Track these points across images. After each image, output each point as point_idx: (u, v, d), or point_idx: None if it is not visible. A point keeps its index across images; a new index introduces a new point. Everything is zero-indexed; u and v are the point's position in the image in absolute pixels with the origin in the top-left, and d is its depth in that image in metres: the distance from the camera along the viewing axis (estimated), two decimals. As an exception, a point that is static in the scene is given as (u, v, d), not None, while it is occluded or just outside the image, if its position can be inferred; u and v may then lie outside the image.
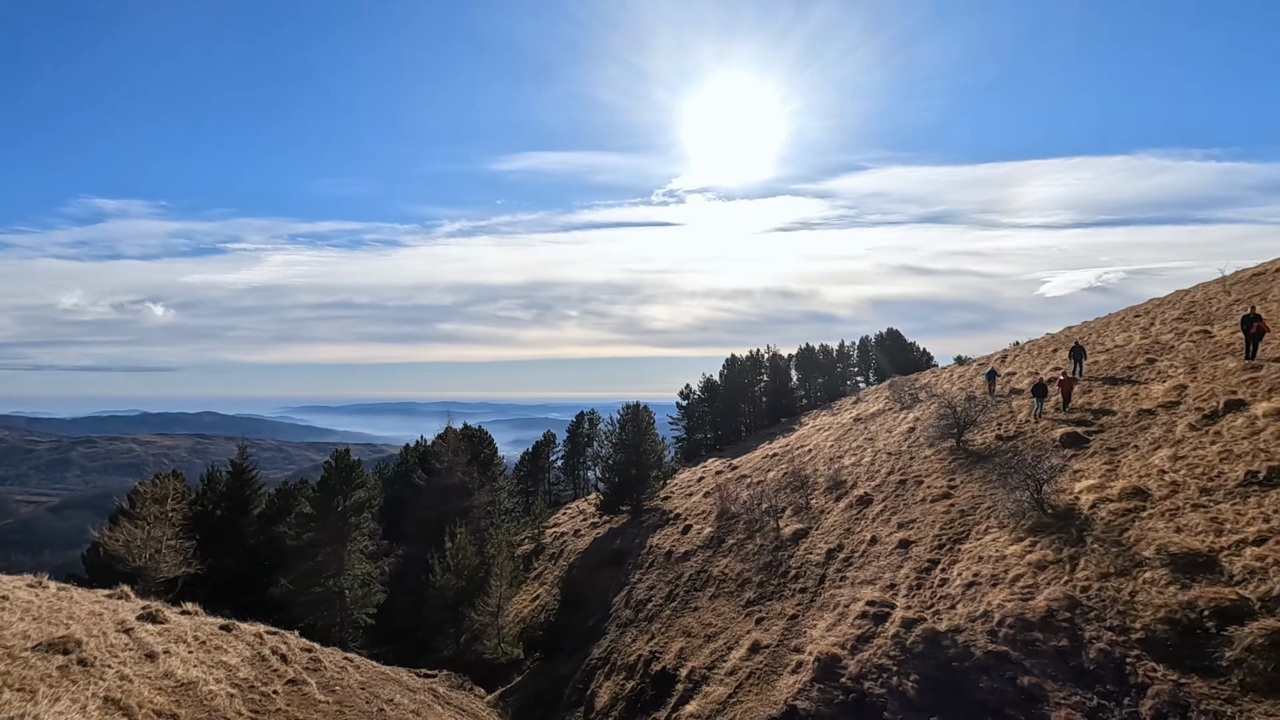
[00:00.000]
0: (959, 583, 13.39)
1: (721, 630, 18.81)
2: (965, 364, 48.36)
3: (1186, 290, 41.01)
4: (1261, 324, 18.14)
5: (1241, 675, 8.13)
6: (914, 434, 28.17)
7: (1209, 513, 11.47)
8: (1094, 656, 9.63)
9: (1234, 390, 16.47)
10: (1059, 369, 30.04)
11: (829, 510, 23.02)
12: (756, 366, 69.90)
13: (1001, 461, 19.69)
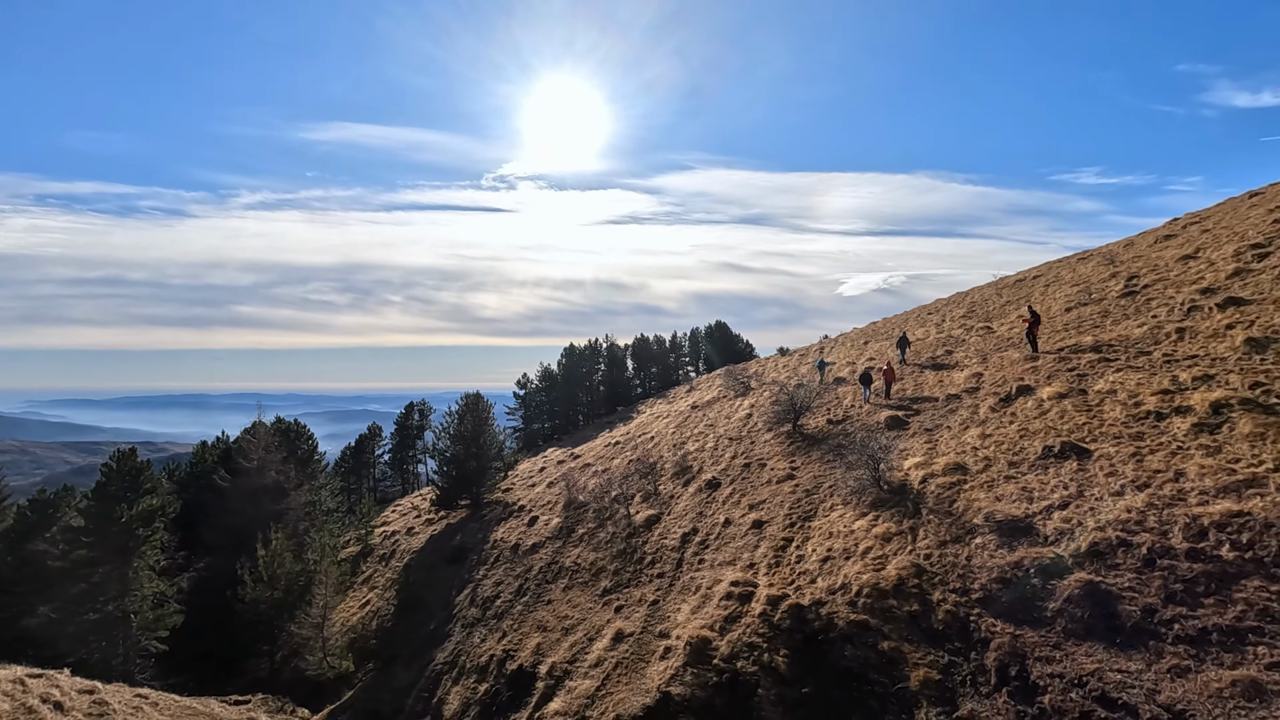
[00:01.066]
0: (815, 558, 14.20)
1: (580, 622, 18.44)
2: (788, 354, 52.32)
3: (966, 292, 47.57)
4: (1036, 321, 21.40)
5: (1064, 623, 9.33)
6: (752, 419, 29.66)
7: (1019, 483, 13.16)
8: (942, 618, 10.59)
9: (1021, 377, 19.14)
10: (873, 360, 33.37)
11: (679, 495, 23.49)
12: (595, 356, 70.34)
13: (836, 443, 21.32)
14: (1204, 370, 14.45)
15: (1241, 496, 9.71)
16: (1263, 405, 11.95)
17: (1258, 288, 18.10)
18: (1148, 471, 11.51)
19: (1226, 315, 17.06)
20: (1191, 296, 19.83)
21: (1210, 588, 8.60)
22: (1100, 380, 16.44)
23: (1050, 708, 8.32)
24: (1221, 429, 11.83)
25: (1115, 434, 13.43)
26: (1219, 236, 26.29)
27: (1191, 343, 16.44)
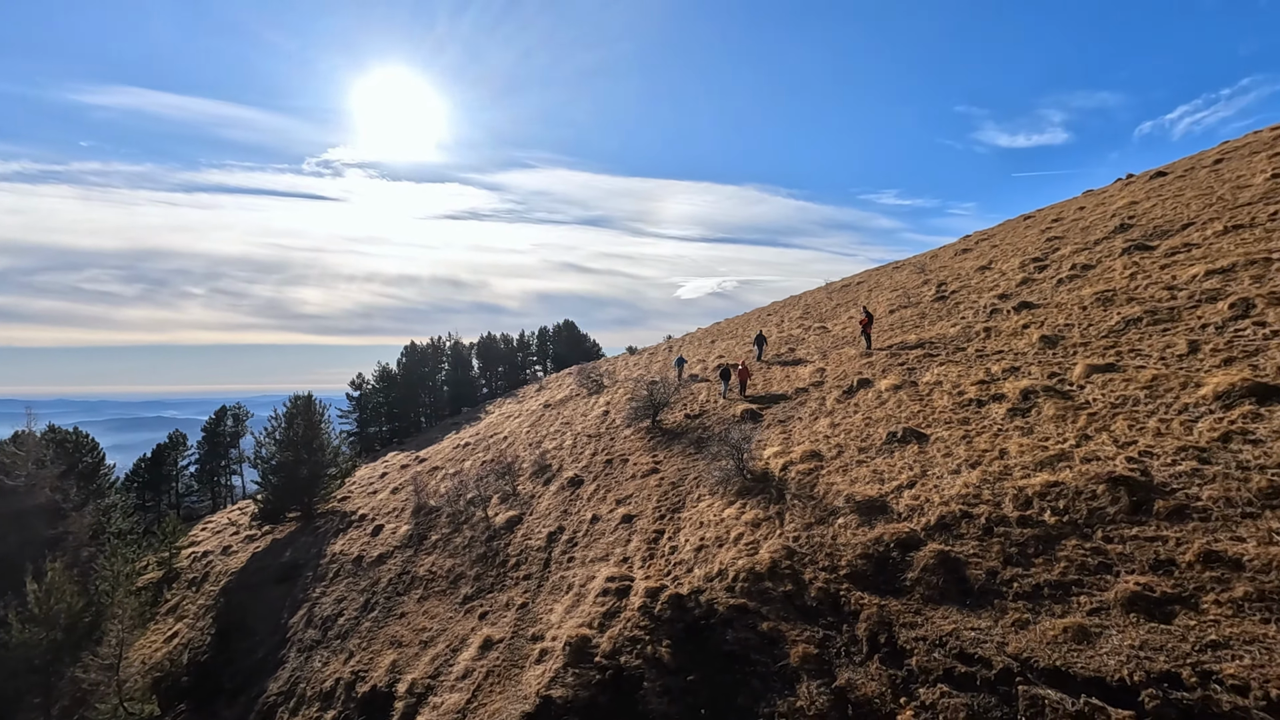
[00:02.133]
0: (689, 548, 14.45)
1: (441, 633, 17.33)
2: (638, 353, 53.35)
3: (799, 295, 51.42)
4: (871, 320, 23.53)
5: (922, 590, 10.24)
6: (610, 416, 29.76)
7: (870, 466, 14.32)
8: (815, 595, 11.19)
9: (860, 372, 20.93)
10: (722, 357, 34.93)
11: (540, 494, 22.95)
12: (438, 355, 67.12)
13: (696, 436, 21.96)
14: (1010, 363, 16.68)
15: (1055, 469, 11.25)
16: (1060, 392, 13.99)
17: (1042, 294, 21.28)
18: (977, 451, 13.01)
19: (1021, 317, 19.87)
20: (992, 301, 22.87)
21: (1039, 549, 9.85)
22: (927, 373, 18.41)
23: (917, 668, 9.05)
24: (1031, 413, 13.69)
25: (946, 420, 15.07)
26: (1005, 251, 30.62)
27: (997, 340, 18.93)
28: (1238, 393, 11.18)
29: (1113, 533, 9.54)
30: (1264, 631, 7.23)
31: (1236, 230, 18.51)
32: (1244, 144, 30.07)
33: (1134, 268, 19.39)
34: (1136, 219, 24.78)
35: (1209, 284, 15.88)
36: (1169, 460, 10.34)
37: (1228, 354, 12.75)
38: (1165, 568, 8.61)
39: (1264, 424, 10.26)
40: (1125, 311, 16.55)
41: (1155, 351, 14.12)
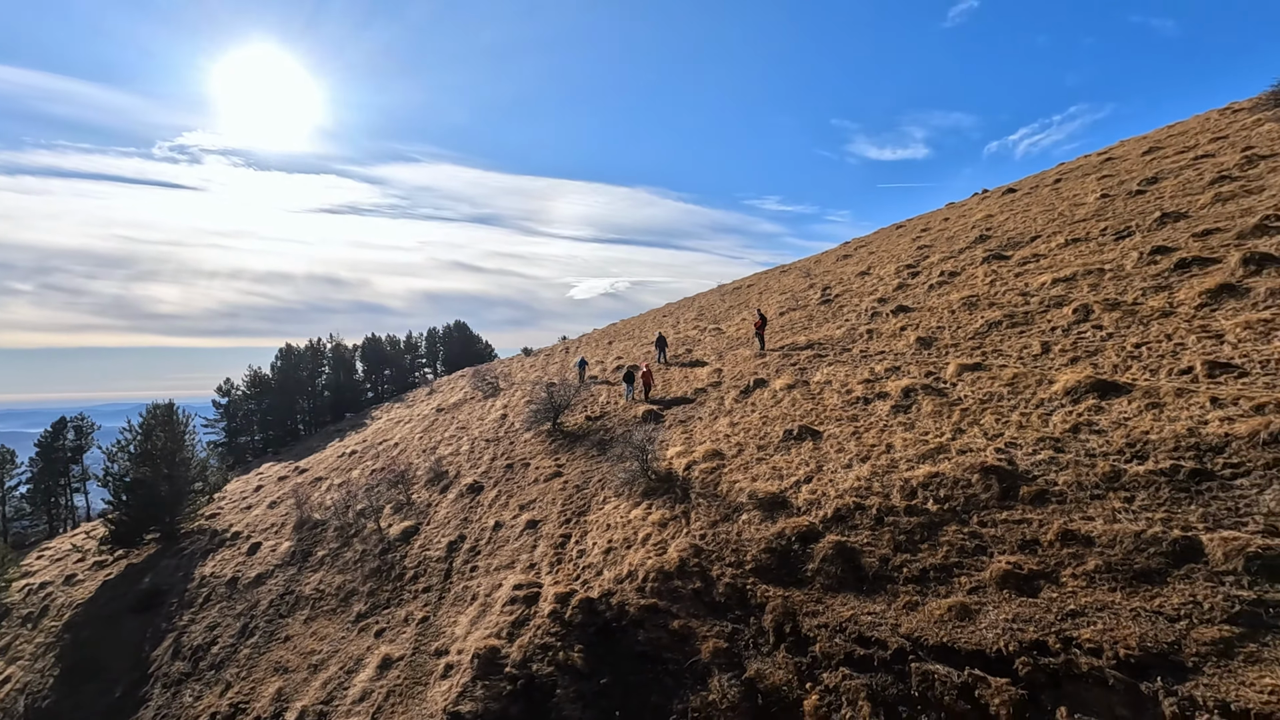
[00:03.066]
0: (598, 551, 14.46)
1: (332, 655, 16.33)
2: (534, 355, 52.71)
3: (693, 297, 52.72)
4: (764, 322, 24.54)
5: (822, 580, 10.83)
6: (508, 420, 29.25)
7: (769, 464, 14.95)
8: (723, 590, 11.54)
9: (755, 372, 21.79)
10: (620, 358, 35.18)
11: (438, 503, 22.19)
12: (317, 357, 63.11)
13: (599, 439, 22.02)
14: (892, 363, 17.96)
15: (935, 461, 12.24)
16: (937, 390, 15.23)
17: (916, 298, 23.08)
18: (866, 446, 13.92)
19: (899, 320, 21.45)
20: (872, 305, 24.51)
21: (924, 536, 10.69)
22: (818, 373, 19.46)
23: (820, 654, 9.57)
24: (912, 409, 14.82)
25: (837, 417, 16.00)
26: (882, 258, 32.91)
27: (879, 341, 20.33)
28: (1083, 388, 12.65)
29: (986, 517, 10.51)
30: (1112, 599, 8.24)
31: (1075, 243, 20.94)
32: (1077, 166, 34.03)
33: (993, 275, 21.45)
34: (993, 231, 27.43)
35: (1055, 291, 17.84)
36: (1030, 450, 11.54)
37: (1073, 354, 14.40)
38: (1031, 547, 9.60)
39: (1105, 416, 11.68)
40: (988, 315, 18.27)
41: (1014, 351, 15.70)
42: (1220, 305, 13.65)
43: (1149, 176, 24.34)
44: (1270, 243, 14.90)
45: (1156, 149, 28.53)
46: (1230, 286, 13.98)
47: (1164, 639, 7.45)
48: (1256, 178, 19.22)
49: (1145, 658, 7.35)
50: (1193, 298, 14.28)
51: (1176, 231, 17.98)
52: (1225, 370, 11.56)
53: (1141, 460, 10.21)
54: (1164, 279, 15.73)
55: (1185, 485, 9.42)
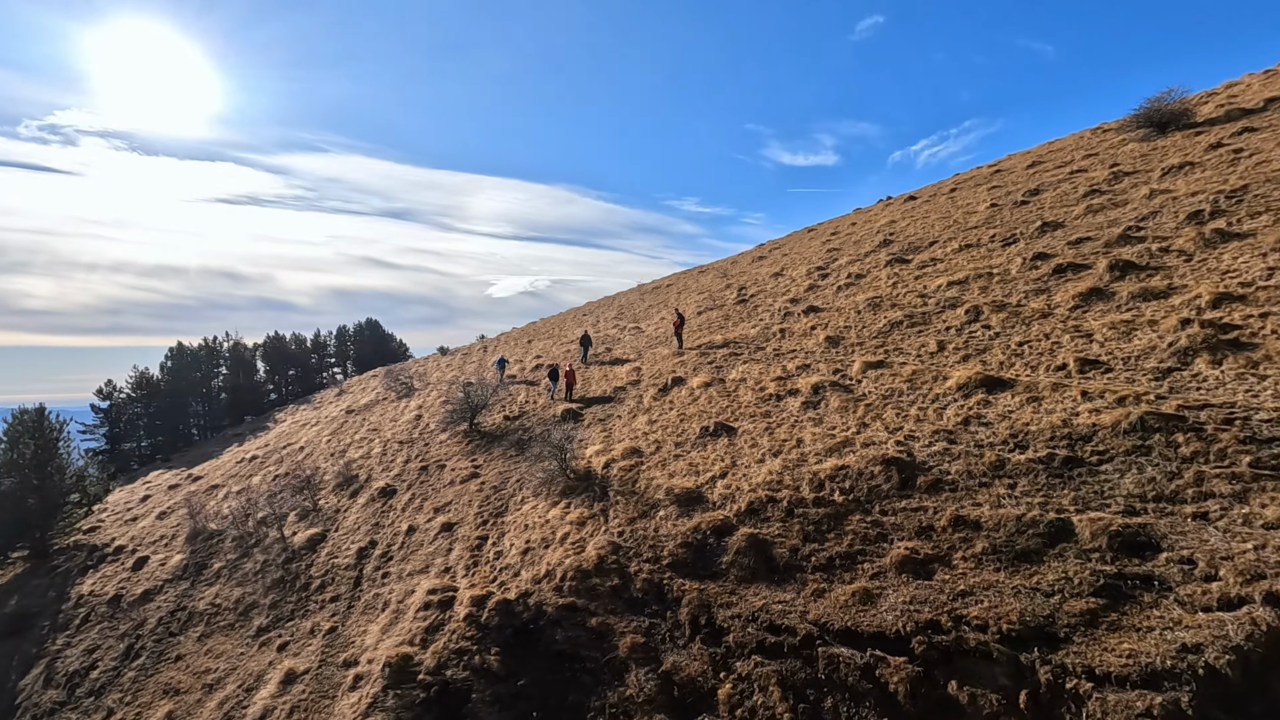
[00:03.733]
0: (515, 552, 14.28)
1: (229, 672, 15.38)
2: (451, 354, 51.38)
3: (613, 296, 52.87)
4: (683, 321, 24.93)
5: (736, 572, 11.13)
6: (423, 420, 28.45)
7: (686, 460, 15.22)
8: (640, 586, 11.66)
9: (674, 370, 22.11)
10: (540, 357, 34.86)
11: (347, 508, 21.31)
12: (213, 357, 59.19)
13: (517, 438, 21.75)
14: (802, 361, 18.67)
15: (841, 454, 12.83)
16: (844, 386, 15.95)
17: (825, 299, 24.07)
18: (778, 441, 14.41)
19: (810, 319, 22.31)
20: (785, 305, 25.37)
21: (831, 525, 11.18)
22: (733, 371, 19.97)
23: (734, 644, 9.84)
24: (821, 405, 15.45)
25: (751, 413, 16.47)
26: (795, 260, 34.11)
27: (791, 340, 21.07)
28: (973, 384, 13.58)
29: (887, 506, 11.11)
30: (997, 578, 8.90)
31: (968, 249, 22.42)
32: (970, 177, 36.44)
33: (895, 278, 22.67)
34: (896, 236, 28.96)
35: (949, 293, 19.05)
36: (927, 442, 12.28)
37: (965, 351, 15.43)
38: (927, 533, 10.23)
39: (992, 409, 12.58)
40: (890, 315, 19.29)
41: (913, 350, 16.65)
42: (1090, 307, 14.97)
43: (1032, 188, 26.38)
44: (1132, 251, 16.47)
45: (1039, 163, 30.95)
46: (1099, 290, 15.36)
47: (1040, 613, 8.12)
48: (1122, 192, 21.20)
49: (1025, 631, 7.98)
50: (1067, 300, 15.60)
51: (1054, 239, 19.58)
52: (1094, 366, 12.70)
53: (1022, 449, 11.07)
54: (1043, 283, 17.10)
55: (1059, 471, 10.29)
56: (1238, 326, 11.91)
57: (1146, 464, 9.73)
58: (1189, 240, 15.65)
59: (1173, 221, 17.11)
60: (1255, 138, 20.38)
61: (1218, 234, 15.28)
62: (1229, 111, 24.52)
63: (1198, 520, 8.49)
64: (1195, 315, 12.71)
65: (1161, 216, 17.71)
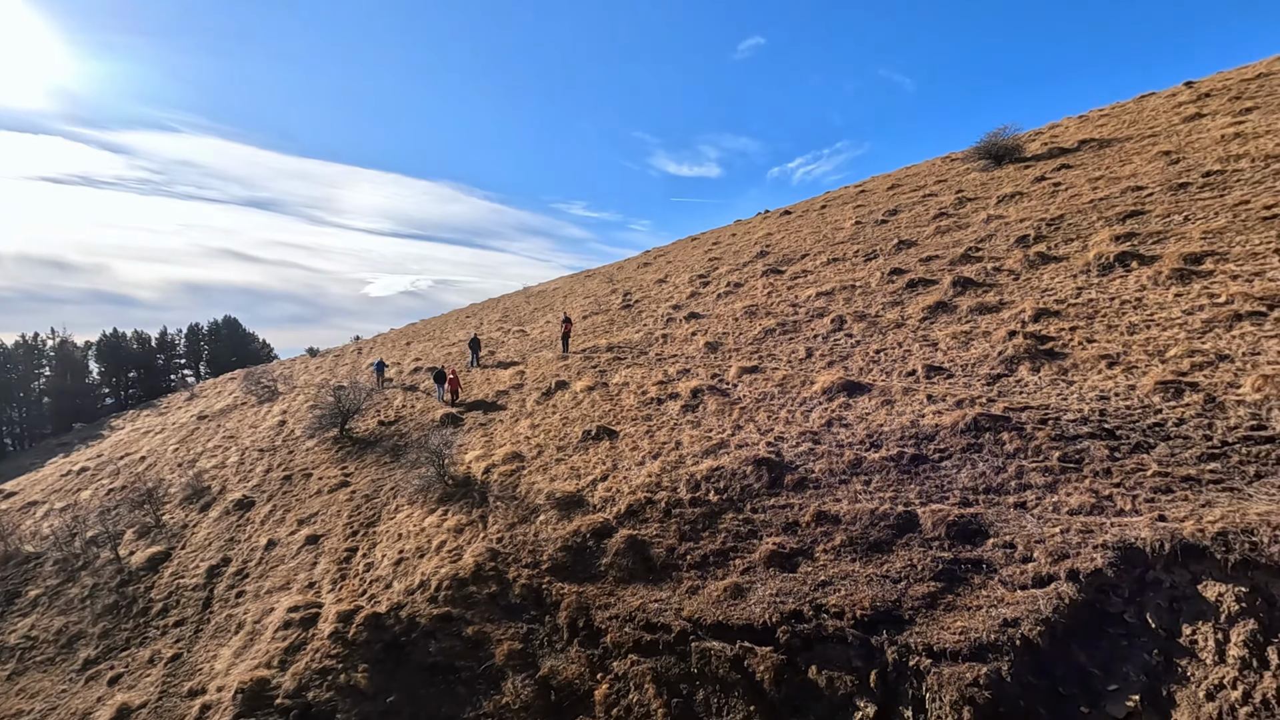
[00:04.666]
0: (387, 563, 13.66)
1: (48, 713, 13.59)
2: (321, 355, 48.29)
3: (498, 299, 51.88)
4: (569, 325, 24.89)
5: (614, 573, 11.27)
6: (287, 427, 26.62)
7: (568, 464, 15.24)
8: (519, 592, 11.54)
9: (558, 374, 22.05)
10: (419, 360, 33.55)
11: (197, 523, 19.53)
12: (34, 357, 52.14)
13: (392, 444, 20.84)
14: (683, 366, 19.23)
15: (717, 456, 13.34)
16: (721, 390, 16.59)
17: (706, 306, 24.93)
18: (658, 444, 14.76)
19: (691, 325, 23.02)
20: (668, 311, 26.01)
21: (706, 524, 11.60)
22: (616, 375, 20.22)
23: (611, 644, 9.97)
24: (699, 408, 15.99)
25: (633, 417, 16.75)
26: (678, 267, 35.04)
27: (672, 345, 21.64)
28: (836, 388, 14.59)
29: (758, 504, 11.69)
30: (853, 568, 9.61)
31: (835, 263, 24.04)
32: (839, 195, 39.07)
33: (770, 287, 23.88)
34: (772, 248, 30.52)
35: (818, 303, 20.34)
36: (794, 443, 13.04)
37: (830, 358, 16.53)
38: (792, 528, 10.86)
39: (851, 412, 13.57)
40: (765, 323, 20.31)
41: (785, 356, 17.62)
42: (936, 319, 16.53)
43: (891, 209, 28.70)
44: (972, 269, 18.35)
45: (897, 186, 33.73)
46: (944, 304, 16.99)
47: (889, 598, 8.86)
48: (965, 216, 23.56)
49: (875, 615, 8.68)
50: (918, 312, 17.13)
51: (909, 256, 21.43)
52: (938, 372, 14.03)
53: (877, 448, 12.03)
54: (898, 296, 18.66)
55: (908, 468, 11.28)
56: (1053, 338, 13.59)
57: (978, 460, 10.88)
58: (1017, 261, 17.66)
59: (1005, 244, 19.25)
60: (1070, 174, 23.34)
61: (1040, 256, 17.35)
62: (1051, 149, 27.92)
63: (1017, 509, 9.62)
64: (1020, 328, 14.37)
65: (996, 239, 19.87)
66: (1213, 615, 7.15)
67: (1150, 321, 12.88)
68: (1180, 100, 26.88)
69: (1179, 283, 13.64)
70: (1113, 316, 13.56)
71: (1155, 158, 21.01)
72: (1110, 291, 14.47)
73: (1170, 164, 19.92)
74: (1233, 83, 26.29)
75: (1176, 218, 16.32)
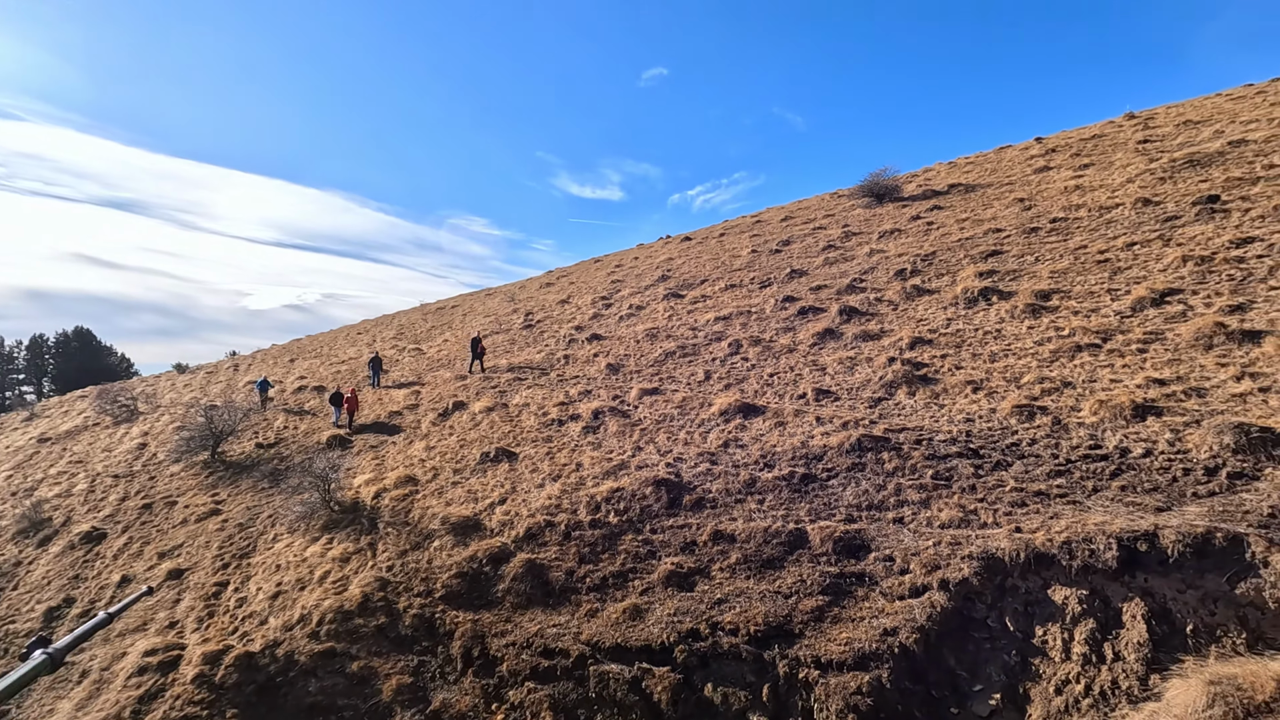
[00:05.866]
0: (263, 597, 12.65)
1: None
2: (191, 372, 44.44)
3: (393, 315, 49.88)
4: (482, 344, 24.31)
5: (512, 599, 11.02)
6: (148, 450, 24.32)
7: (465, 487, 14.80)
8: (410, 623, 11.02)
9: (455, 394, 21.46)
10: (304, 378, 31.62)
11: (33, 560, 17.39)
12: None
13: (271, 469, 19.47)
14: (584, 387, 19.24)
15: (617, 477, 13.40)
16: (622, 412, 16.73)
17: (608, 328, 25.12)
18: (558, 465, 14.64)
19: (593, 346, 23.10)
20: (570, 331, 25.99)
21: (605, 546, 11.59)
22: (517, 395, 19.93)
23: (508, 673, 9.72)
24: (600, 430, 16.03)
25: (533, 438, 16.55)
26: (581, 289, 35.15)
27: (574, 366, 21.62)
28: (732, 410, 15.08)
29: (657, 525, 11.83)
30: (748, 586, 9.91)
31: (732, 289, 24.96)
32: (737, 224, 40.69)
33: (671, 311, 24.43)
34: (673, 272, 31.27)
35: (716, 327, 21.02)
36: (693, 464, 13.34)
37: (728, 380, 17.09)
38: (690, 548, 11.06)
39: (747, 433, 14.07)
40: (665, 346, 20.72)
41: (684, 378, 18.04)
42: (825, 345, 17.50)
43: (784, 239, 30.22)
44: (857, 299, 19.61)
45: (790, 218, 35.59)
46: (832, 330, 18.03)
47: (780, 613, 9.19)
48: (850, 249, 25.18)
49: (768, 630, 8.97)
50: (808, 338, 18.07)
51: (800, 285, 22.61)
52: (827, 395, 14.83)
53: (770, 468, 12.53)
54: (790, 322, 19.62)
55: (798, 487, 11.81)
56: (927, 365, 14.74)
57: (862, 478, 11.56)
58: (896, 293, 19.05)
59: (885, 276, 20.73)
60: (941, 214, 25.54)
61: (915, 289, 18.81)
62: (925, 191, 30.46)
63: (896, 524, 10.29)
64: (898, 354, 15.48)
65: (877, 272, 21.36)
66: (1060, 616, 7.94)
67: (1008, 351, 14.24)
68: (1032, 154, 30.16)
69: (1031, 316, 15.20)
70: (977, 345, 14.89)
71: (1011, 203, 23.41)
72: (975, 323, 15.90)
73: (1024, 209, 22.25)
74: (1074, 140, 29.82)
75: (1029, 258, 18.22)
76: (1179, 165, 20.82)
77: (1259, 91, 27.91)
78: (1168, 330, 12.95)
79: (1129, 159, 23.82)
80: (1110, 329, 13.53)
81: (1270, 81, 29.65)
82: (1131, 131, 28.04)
